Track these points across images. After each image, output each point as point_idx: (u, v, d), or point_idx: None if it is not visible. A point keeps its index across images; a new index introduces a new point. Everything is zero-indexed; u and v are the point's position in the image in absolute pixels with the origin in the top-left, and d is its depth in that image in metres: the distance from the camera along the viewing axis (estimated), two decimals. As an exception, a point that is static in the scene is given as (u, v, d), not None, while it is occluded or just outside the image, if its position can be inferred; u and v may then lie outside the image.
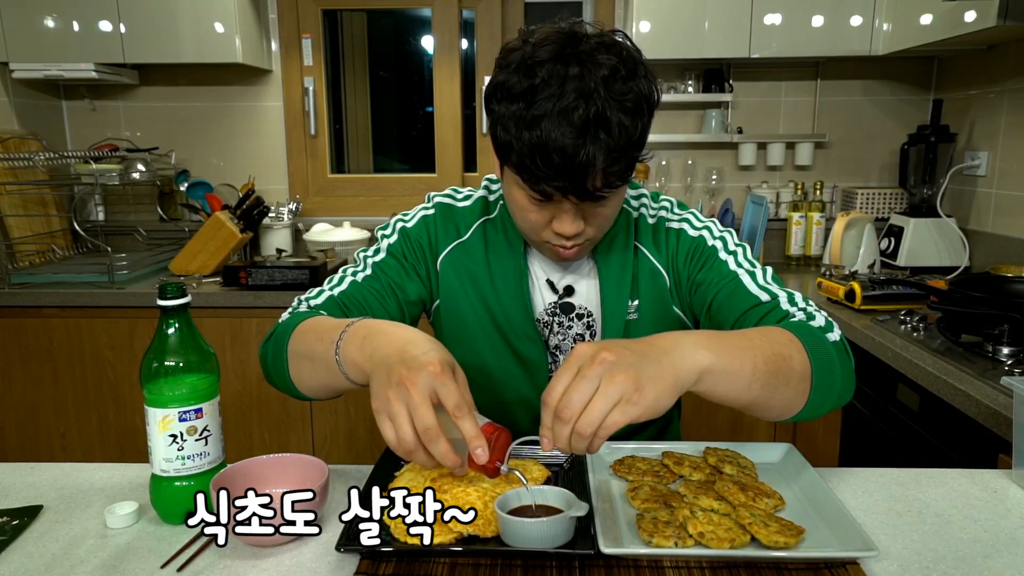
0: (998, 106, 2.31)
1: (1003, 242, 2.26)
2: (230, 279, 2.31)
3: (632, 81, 0.90)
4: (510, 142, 0.90)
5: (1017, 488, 0.91)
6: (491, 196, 1.17)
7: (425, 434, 0.72)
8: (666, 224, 1.13)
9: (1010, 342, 1.49)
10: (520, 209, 0.98)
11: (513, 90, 0.89)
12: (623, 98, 0.88)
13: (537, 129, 0.86)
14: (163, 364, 0.81)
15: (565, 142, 0.85)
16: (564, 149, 0.86)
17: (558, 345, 1.13)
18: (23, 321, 2.33)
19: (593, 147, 0.86)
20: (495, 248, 1.12)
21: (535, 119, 0.87)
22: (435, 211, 1.15)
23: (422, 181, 2.97)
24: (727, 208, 2.60)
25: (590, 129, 0.86)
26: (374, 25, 3.05)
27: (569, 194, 0.90)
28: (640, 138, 0.92)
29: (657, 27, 2.46)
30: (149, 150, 2.70)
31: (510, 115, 0.89)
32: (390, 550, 0.75)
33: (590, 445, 0.71)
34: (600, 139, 0.87)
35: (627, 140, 0.89)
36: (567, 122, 0.86)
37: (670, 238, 1.12)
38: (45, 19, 2.46)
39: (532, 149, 0.87)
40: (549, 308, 1.12)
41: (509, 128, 0.89)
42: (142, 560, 0.76)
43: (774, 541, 0.73)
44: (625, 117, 0.88)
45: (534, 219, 0.97)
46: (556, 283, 1.12)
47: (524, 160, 0.89)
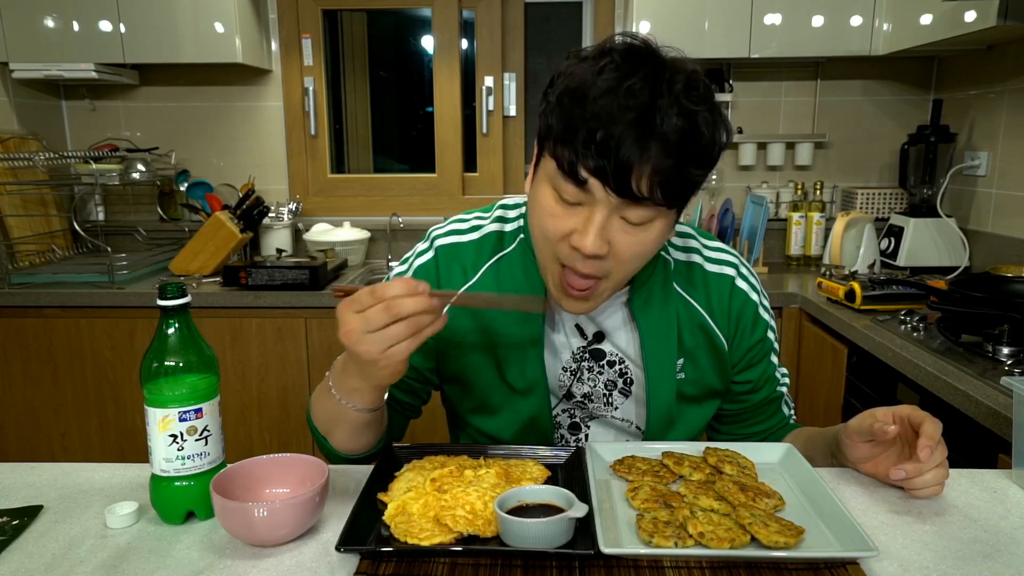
0: (998, 106, 2.31)
1: (1003, 242, 2.26)
2: (230, 279, 2.32)
3: (707, 101, 0.81)
4: (559, 116, 0.80)
5: (1017, 488, 0.91)
6: (507, 227, 1.03)
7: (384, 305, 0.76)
8: (735, 284, 1.04)
9: (1010, 342, 1.49)
10: (543, 212, 0.86)
11: (577, 70, 0.80)
12: (695, 107, 0.78)
13: (595, 100, 0.77)
14: (163, 364, 0.81)
15: (622, 116, 0.76)
16: (620, 125, 0.76)
17: (588, 394, 1.04)
18: (23, 321, 2.33)
19: (652, 133, 0.77)
20: (508, 289, 1.00)
21: (595, 92, 0.78)
22: (435, 256, 1.03)
23: (422, 181, 2.97)
24: (727, 208, 2.60)
25: (654, 114, 0.77)
26: (374, 25, 3.05)
27: (608, 184, 0.78)
28: (703, 157, 0.81)
29: (657, 27, 2.46)
30: (149, 150, 2.70)
31: (568, 90, 0.80)
32: (390, 550, 0.74)
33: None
34: (660, 128, 0.77)
35: (690, 145, 0.79)
36: (630, 99, 0.76)
37: (735, 301, 1.04)
38: (45, 19, 2.46)
39: (584, 119, 0.77)
40: (577, 353, 1.02)
41: (563, 102, 0.80)
42: (142, 560, 0.76)
43: (774, 541, 0.73)
44: (694, 122, 0.79)
45: (554, 227, 0.85)
46: (584, 328, 1.02)
47: (569, 135, 0.78)
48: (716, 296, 1.03)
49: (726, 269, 1.04)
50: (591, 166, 0.78)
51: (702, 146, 0.80)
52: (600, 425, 1.07)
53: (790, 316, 2.26)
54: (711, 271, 1.04)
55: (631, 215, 0.82)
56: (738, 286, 1.04)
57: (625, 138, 0.76)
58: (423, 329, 0.78)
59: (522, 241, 1.01)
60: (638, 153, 0.77)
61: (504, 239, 1.03)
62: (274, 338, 2.31)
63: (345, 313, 0.78)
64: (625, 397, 1.05)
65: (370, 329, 0.76)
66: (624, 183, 0.78)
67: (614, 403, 1.05)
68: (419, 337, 0.78)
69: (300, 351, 2.32)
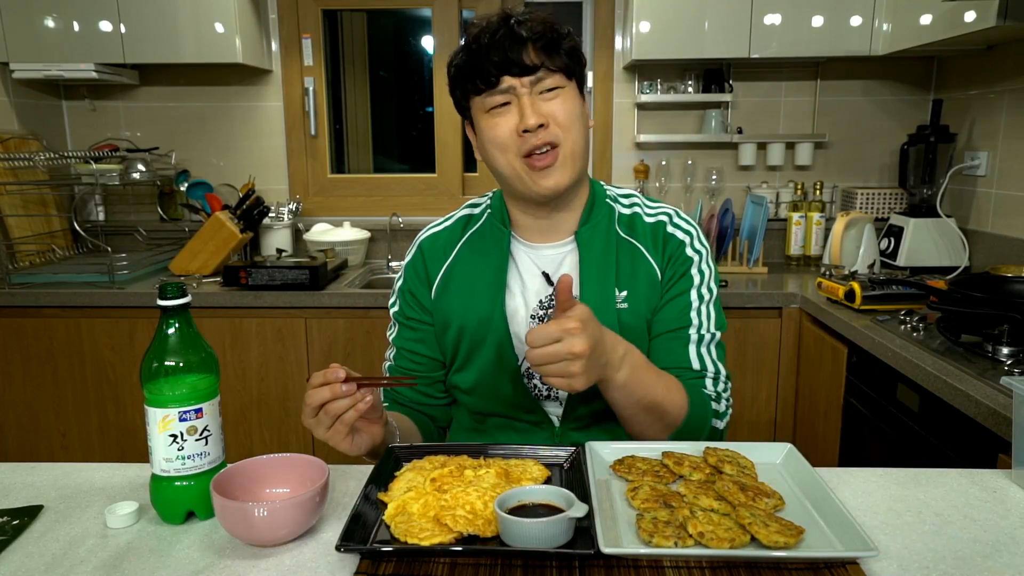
0: (998, 106, 2.31)
1: (1003, 242, 2.26)
2: (230, 279, 2.32)
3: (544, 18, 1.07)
4: (461, 70, 1.07)
5: (1017, 488, 0.91)
6: (475, 210, 1.24)
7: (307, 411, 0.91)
8: (666, 228, 1.18)
9: (1010, 342, 1.49)
10: (490, 130, 1.07)
11: (453, 52, 1.10)
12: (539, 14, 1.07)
13: (473, 44, 1.05)
14: (163, 364, 0.81)
15: (494, 31, 1.03)
16: (492, 29, 1.04)
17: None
18: (23, 321, 2.33)
19: (515, 30, 1.03)
20: (484, 253, 1.18)
21: (472, 41, 1.06)
22: (418, 251, 1.23)
23: (422, 181, 2.97)
24: (727, 208, 2.60)
25: (513, 21, 1.04)
26: (374, 25, 3.05)
27: (511, 71, 1.03)
28: (563, 30, 1.06)
29: (657, 27, 2.46)
30: (149, 150, 2.71)
31: (455, 56, 1.08)
32: (390, 550, 0.75)
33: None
34: (521, 28, 1.04)
35: (548, 25, 1.05)
36: (492, 25, 1.05)
37: (670, 243, 1.16)
38: (45, 19, 2.46)
39: (473, 56, 1.04)
40: (544, 300, 1.15)
41: (458, 60, 1.08)
42: (142, 560, 0.76)
43: (774, 541, 0.73)
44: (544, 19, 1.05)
45: (503, 132, 1.05)
46: (551, 275, 1.15)
47: (472, 68, 1.05)
48: (651, 235, 1.17)
49: (661, 217, 1.19)
50: (494, 69, 1.04)
51: (555, 26, 1.06)
52: None
53: (790, 316, 2.26)
54: (648, 221, 1.19)
55: (544, 85, 1.05)
56: (669, 229, 1.18)
57: (503, 41, 1.03)
58: (343, 415, 0.89)
59: (490, 215, 1.21)
60: (515, 41, 1.03)
61: (472, 219, 1.23)
62: (274, 338, 2.31)
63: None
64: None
65: (309, 418, 0.91)
66: (520, 64, 1.03)
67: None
68: (342, 421, 0.90)
69: (300, 351, 2.32)
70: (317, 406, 0.89)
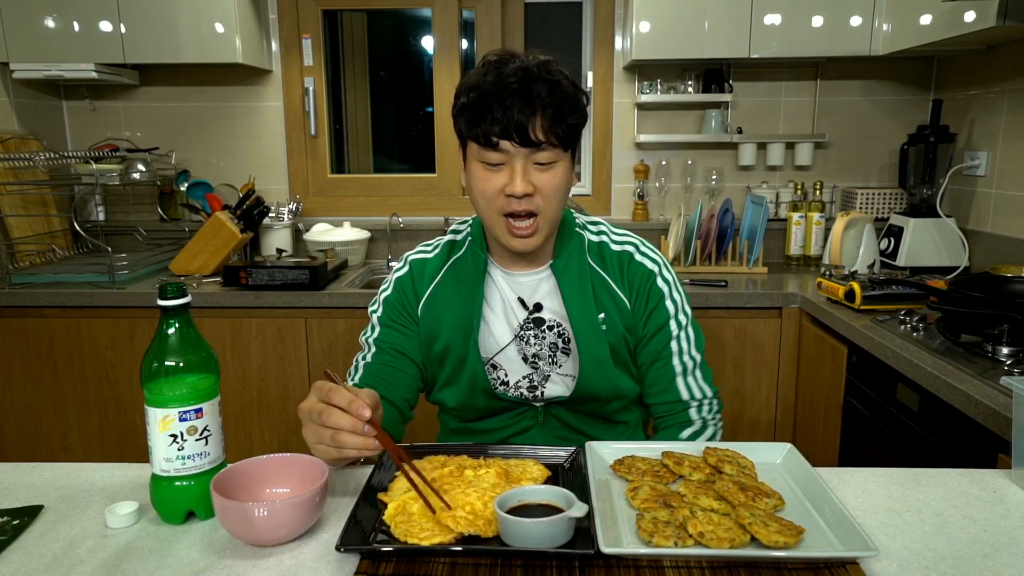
0: (998, 106, 2.31)
1: (1003, 242, 2.26)
2: (230, 279, 2.32)
3: (564, 72, 1.10)
4: (468, 110, 1.08)
5: (1017, 488, 0.91)
6: (457, 237, 1.29)
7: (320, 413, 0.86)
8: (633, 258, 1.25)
9: (1010, 342, 1.49)
10: (479, 181, 1.11)
11: (470, 79, 1.11)
12: (559, 76, 1.09)
13: (488, 88, 1.06)
14: (163, 364, 0.81)
15: (509, 90, 1.05)
16: (508, 95, 1.05)
17: (536, 354, 1.23)
18: (23, 321, 2.33)
19: (532, 93, 1.05)
20: (464, 281, 1.23)
21: (485, 84, 1.07)
22: (408, 268, 1.27)
23: (422, 181, 2.97)
24: (727, 208, 2.60)
25: (531, 81, 1.06)
26: (374, 25, 3.05)
27: (513, 138, 1.05)
28: (576, 104, 1.09)
29: (657, 27, 2.46)
30: (149, 150, 2.71)
31: (467, 91, 1.09)
32: (390, 550, 0.75)
33: None
34: (536, 88, 1.06)
35: (563, 96, 1.07)
36: (510, 78, 1.06)
37: (638, 275, 1.24)
38: (45, 19, 2.46)
39: (483, 103, 1.06)
40: (524, 322, 1.23)
41: (468, 99, 1.08)
42: (142, 560, 0.76)
43: (774, 541, 0.73)
44: (559, 83, 1.07)
45: (490, 187, 1.10)
46: (527, 300, 1.23)
47: (477, 116, 1.06)
48: (618, 267, 1.25)
49: (627, 247, 1.26)
50: (499, 131, 1.06)
51: (569, 98, 1.09)
52: (551, 384, 1.24)
53: (790, 316, 2.26)
54: (615, 249, 1.26)
55: (539, 157, 1.09)
56: (636, 259, 1.25)
57: (515, 106, 1.05)
58: (345, 449, 0.85)
59: (471, 243, 1.26)
60: (527, 112, 1.05)
61: (456, 245, 1.28)
62: (274, 338, 2.31)
63: (312, 392, 0.90)
64: (566, 356, 1.23)
65: (311, 419, 0.88)
66: (524, 136, 1.06)
67: (558, 361, 1.23)
68: (341, 453, 0.86)
69: (300, 351, 2.32)
70: (328, 427, 0.85)
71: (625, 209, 2.88)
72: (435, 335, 1.23)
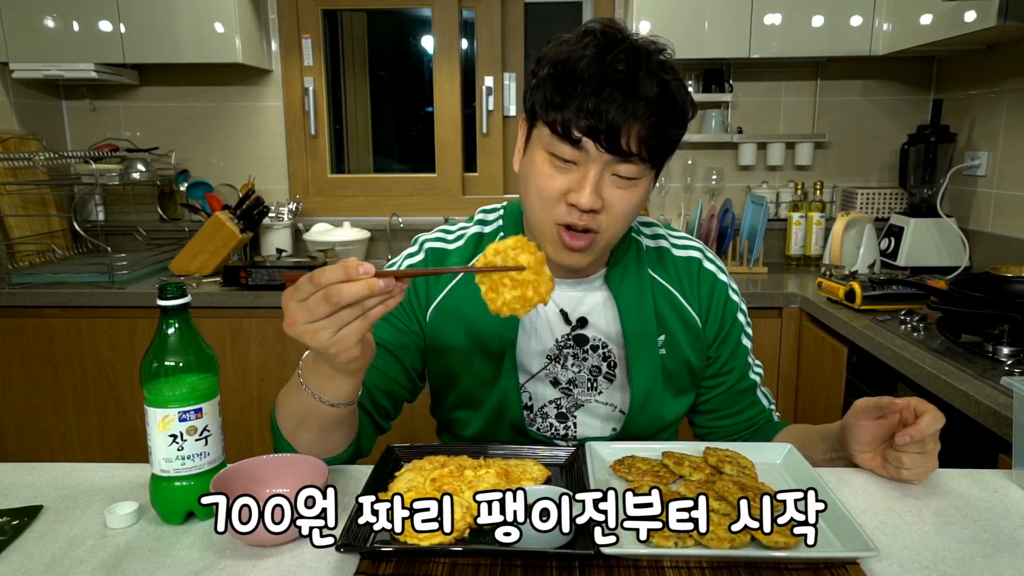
0: (998, 106, 2.31)
1: (1003, 242, 2.26)
2: (230, 279, 2.32)
3: (679, 77, 0.93)
4: (551, 87, 0.89)
5: (1017, 488, 0.91)
6: (486, 229, 1.10)
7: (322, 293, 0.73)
8: (702, 266, 1.11)
9: (1010, 342, 1.49)
10: (539, 176, 0.93)
11: (561, 48, 0.91)
12: (669, 77, 0.90)
13: (583, 70, 0.87)
14: (163, 364, 0.81)
15: (610, 81, 0.86)
16: (609, 88, 0.86)
17: (573, 380, 1.07)
18: (23, 321, 2.33)
19: (637, 94, 0.87)
20: None
21: (582, 64, 0.87)
22: (425, 256, 1.09)
23: (422, 181, 2.97)
24: (727, 208, 2.60)
25: (638, 79, 0.87)
26: (374, 25, 3.05)
27: (601, 142, 0.88)
28: (678, 118, 0.92)
29: (657, 27, 2.46)
30: (149, 150, 2.70)
31: (555, 65, 0.89)
32: (390, 550, 0.74)
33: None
34: (642, 93, 0.87)
35: (668, 107, 0.89)
36: (615, 66, 0.87)
37: (709, 286, 1.10)
38: (45, 19, 2.46)
39: (575, 86, 0.87)
40: (561, 339, 1.06)
41: (552, 76, 0.89)
42: (142, 560, 0.76)
43: (774, 541, 0.73)
44: (669, 88, 0.89)
45: (551, 187, 0.92)
46: (569, 313, 1.06)
47: (562, 100, 0.88)
48: (686, 277, 1.10)
49: (692, 253, 1.12)
50: (584, 127, 0.88)
51: (677, 108, 0.91)
52: (585, 414, 1.09)
53: (790, 316, 2.26)
54: (679, 255, 1.11)
55: (621, 170, 0.91)
56: (706, 267, 1.11)
57: (614, 101, 0.86)
58: (370, 310, 0.74)
59: (502, 238, 1.05)
60: (626, 114, 0.87)
61: (483, 239, 1.09)
62: (274, 338, 2.31)
63: (288, 303, 0.77)
64: (609, 382, 1.08)
65: (312, 319, 0.74)
66: (614, 141, 0.88)
67: (599, 387, 1.08)
68: (366, 320, 0.75)
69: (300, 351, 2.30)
70: (344, 304, 0.72)
71: (625, 209, 2.88)
72: (447, 347, 1.06)
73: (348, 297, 0.72)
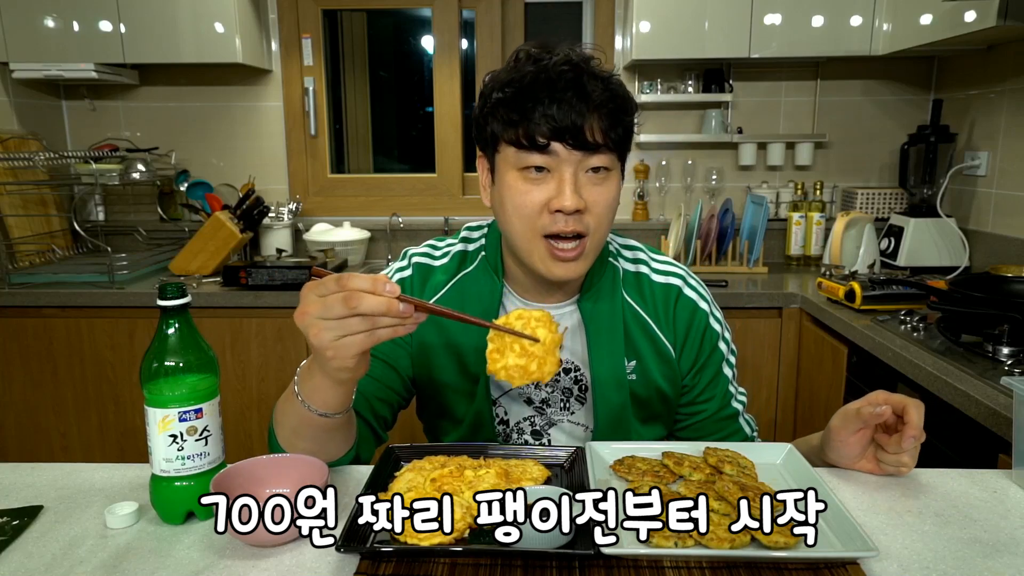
0: (998, 106, 2.31)
1: (1003, 242, 2.26)
2: (230, 279, 2.32)
3: (611, 71, 0.99)
4: (505, 107, 0.93)
5: (1017, 488, 0.91)
6: (470, 247, 1.12)
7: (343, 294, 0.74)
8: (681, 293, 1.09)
9: (1010, 342, 1.49)
10: (516, 195, 0.94)
11: (502, 74, 0.96)
12: (607, 73, 0.97)
13: (530, 81, 0.92)
14: (163, 364, 0.81)
15: (560, 86, 0.91)
16: (560, 89, 0.91)
17: (546, 399, 1.09)
18: (23, 321, 2.33)
19: (587, 88, 0.91)
20: (472, 303, 1.07)
21: (526, 76, 0.92)
22: (412, 272, 1.10)
23: (422, 181, 2.97)
24: (727, 208, 2.60)
25: (583, 75, 0.92)
26: (374, 25, 3.05)
27: (567, 140, 0.91)
28: (631, 105, 0.97)
29: (657, 27, 2.46)
30: (149, 150, 2.70)
31: (503, 86, 0.94)
32: (390, 550, 0.74)
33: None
34: (590, 84, 0.92)
35: (616, 97, 0.94)
36: (559, 69, 0.92)
37: (686, 313, 1.08)
38: (45, 19, 2.46)
39: (521, 92, 0.91)
40: None
41: (500, 98, 0.93)
42: (142, 560, 0.76)
43: (774, 541, 0.73)
44: (612, 82, 0.95)
45: (531, 202, 0.93)
46: None
47: (518, 114, 0.91)
48: (663, 305, 1.09)
49: (672, 280, 1.10)
50: (548, 131, 0.91)
51: (625, 98, 0.96)
52: (559, 432, 1.11)
53: (790, 316, 2.26)
54: (658, 281, 1.10)
55: (592, 162, 0.94)
56: (685, 295, 1.09)
57: (569, 101, 0.91)
58: (379, 329, 0.76)
59: (483, 259, 1.10)
60: (584, 109, 0.91)
61: (467, 258, 1.11)
62: (274, 338, 2.31)
63: (308, 294, 0.77)
64: (581, 404, 1.09)
65: (325, 316, 0.75)
66: (580, 136, 0.91)
67: (571, 408, 1.10)
68: (373, 336, 0.76)
69: (300, 351, 2.32)
70: (361, 312, 0.73)
71: (625, 209, 2.88)
72: (431, 361, 1.08)
73: (366, 307, 0.74)
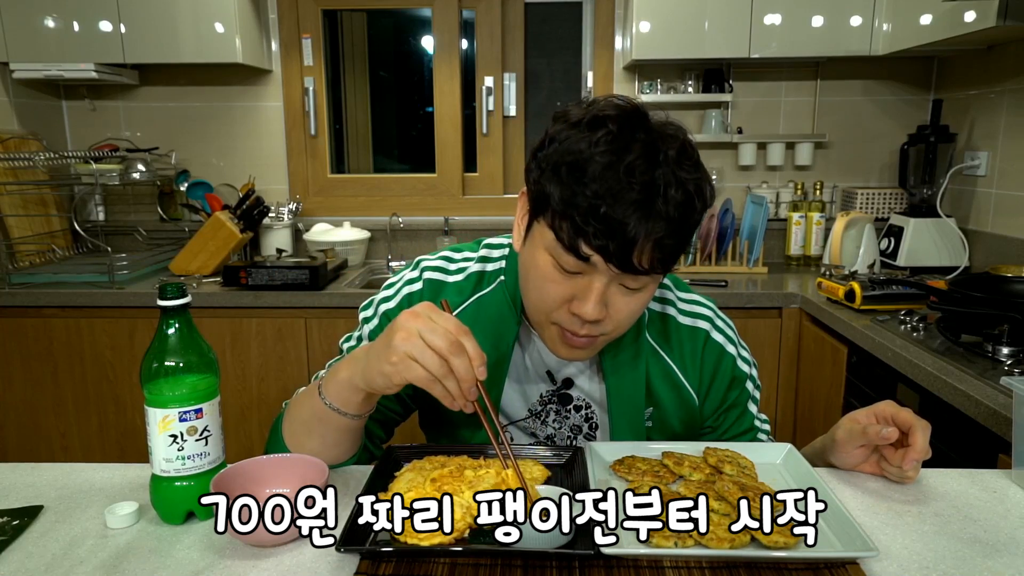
0: (998, 106, 2.31)
1: (1003, 242, 2.26)
2: (230, 279, 2.32)
3: (699, 169, 0.84)
4: (558, 190, 0.80)
5: (1017, 488, 0.91)
6: (488, 267, 1.05)
7: (454, 336, 0.77)
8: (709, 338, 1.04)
9: (1010, 342, 1.49)
10: (540, 278, 0.87)
11: (572, 139, 0.81)
12: (689, 176, 0.81)
13: (595, 178, 0.78)
14: (163, 364, 0.81)
15: (625, 195, 0.77)
16: (623, 205, 0.77)
17: (552, 436, 1.06)
18: (23, 321, 2.33)
19: (654, 211, 0.78)
20: (485, 329, 1.00)
21: (595, 168, 0.78)
22: (423, 287, 1.04)
23: (422, 181, 2.97)
24: (727, 208, 2.60)
25: (655, 192, 0.78)
26: (374, 25, 3.05)
27: (611, 260, 0.79)
28: (696, 224, 0.85)
29: (657, 27, 2.46)
30: (149, 150, 2.70)
31: (564, 161, 0.80)
32: (390, 550, 0.74)
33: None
34: (661, 206, 0.79)
35: (687, 218, 0.81)
36: (631, 177, 0.77)
37: (714, 358, 1.05)
38: (45, 19, 2.46)
39: (586, 199, 0.78)
40: (545, 395, 1.05)
41: (560, 173, 0.80)
42: (142, 560, 0.76)
43: (774, 541, 0.73)
44: (690, 193, 0.81)
45: (553, 293, 0.86)
46: (555, 374, 1.04)
47: (571, 211, 0.79)
48: (689, 350, 1.04)
49: (700, 323, 1.05)
50: (595, 244, 0.79)
51: (696, 214, 0.83)
52: None
53: (790, 316, 2.26)
54: (684, 324, 1.05)
55: (629, 282, 0.85)
56: (713, 339, 1.05)
57: (629, 218, 0.78)
58: (444, 382, 0.78)
59: (502, 283, 1.03)
60: (642, 232, 0.78)
61: (484, 279, 1.04)
62: (274, 338, 2.31)
63: (430, 312, 0.80)
64: (588, 441, 1.06)
65: (424, 336, 0.77)
66: (627, 259, 0.80)
67: (577, 444, 1.07)
68: (435, 383, 0.78)
69: (300, 351, 2.32)
70: (449, 359, 0.76)
71: (625, 209, 2.88)
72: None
73: (457, 363, 0.77)
